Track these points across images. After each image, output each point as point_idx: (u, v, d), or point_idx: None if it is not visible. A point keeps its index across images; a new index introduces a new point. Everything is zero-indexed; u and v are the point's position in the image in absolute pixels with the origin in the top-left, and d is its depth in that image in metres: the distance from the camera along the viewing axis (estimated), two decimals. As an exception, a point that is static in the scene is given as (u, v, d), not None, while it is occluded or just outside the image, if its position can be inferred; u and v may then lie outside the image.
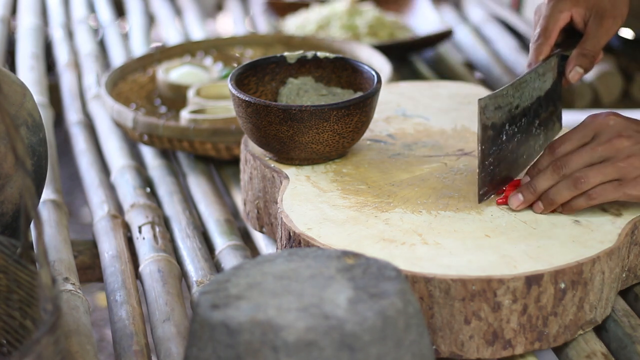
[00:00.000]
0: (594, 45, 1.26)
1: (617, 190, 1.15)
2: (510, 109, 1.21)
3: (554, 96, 1.29)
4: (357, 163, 1.30)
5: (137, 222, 1.43)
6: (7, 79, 1.27)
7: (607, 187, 1.15)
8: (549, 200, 1.17)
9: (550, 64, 1.26)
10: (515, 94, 1.21)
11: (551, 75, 1.27)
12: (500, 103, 1.19)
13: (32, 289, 0.99)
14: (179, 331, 1.17)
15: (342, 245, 1.12)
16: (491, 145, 1.19)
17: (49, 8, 2.37)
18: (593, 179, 1.15)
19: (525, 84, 1.22)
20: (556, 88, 1.29)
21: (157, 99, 1.77)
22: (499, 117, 1.19)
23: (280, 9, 2.26)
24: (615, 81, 2.02)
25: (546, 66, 1.25)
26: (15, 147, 0.89)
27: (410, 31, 2.13)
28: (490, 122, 1.18)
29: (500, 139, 1.20)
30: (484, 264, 1.08)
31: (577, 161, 1.16)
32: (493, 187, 1.21)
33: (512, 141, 1.22)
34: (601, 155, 1.16)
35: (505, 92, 1.20)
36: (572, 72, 1.25)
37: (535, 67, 1.24)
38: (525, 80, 1.22)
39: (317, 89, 1.35)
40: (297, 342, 0.88)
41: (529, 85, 1.23)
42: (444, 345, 1.08)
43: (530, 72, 1.23)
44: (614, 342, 1.14)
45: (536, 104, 1.25)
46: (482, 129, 1.17)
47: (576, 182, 1.15)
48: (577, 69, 1.25)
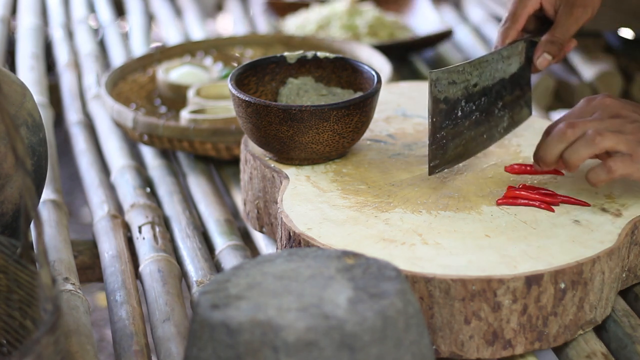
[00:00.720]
0: (562, 33, 1.26)
1: (632, 164, 1.14)
2: (466, 85, 1.22)
3: (521, 81, 1.29)
4: (357, 163, 1.30)
5: (137, 222, 1.43)
6: (7, 79, 1.27)
7: (624, 159, 1.14)
8: (565, 161, 1.16)
9: (517, 48, 1.27)
10: (473, 72, 1.22)
11: (518, 60, 1.27)
12: (454, 78, 1.20)
13: (32, 289, 0.99)
14: (179, 331, 1.17)
15: (342, 245, 1.12)
16: (444, 119, 1.21)
17: (49, 8, 2.37)
18: (611, 138, 1.13)
19: (486, 64, 1.23)
20: (524, 73, 1.29)
21: (157, 99, 1.77)
22: (453, 92, 1.21)
23: (280, 9, 2.26)
24: (615, 81, 2.02)
25: (512, 50, 1.26)
26: (15, 147, 0.89)
27: (410, 31, 2.13)
28: (442, 96, 1.20)
29: (455, 114, 1.21)
30: (484, 264, 1.08)
31: (588, 125, 1.14)
32: (446, 161, 1.22)
33: (469, 118, 1.23)
34: (609, 126, 1.14)
35: (462, 68, 1.21)
36: (540, 58, 1.26)
37: (499, 49, 1.25)
38: (486, 59, 1.23)
39: (317, 89, 1.35)
40: (297, 342, 0.88)
41: (490, 65, 1.24)
42: (444, 345, 1.08)
43: (492, 52, 1.25)
44: (614, 342, 1.14)
45: (499, 85, 1.26)
46: (433, 101, 1.19)
47: (594, 138, 1.13)
48: (545, 56, 1.26)
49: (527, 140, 1.34)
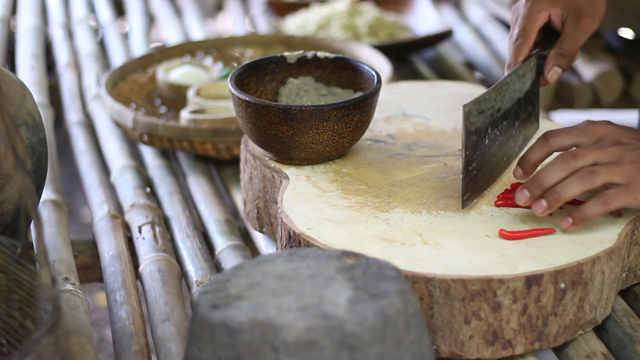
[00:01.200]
0: (571, 45, 1.25)
1: (628, 194, 1.13)
2: (492, 112, 1.20)
3: (532, 96, 1.28)
4: (357, 163, 1.30)
5: (137, 222, 1.43)
6: (7, 79, 1.27)
7: (620, 192, 1.13)
8: (556, 196, 1.13)
9: (530, 64, 1.25)
10: (497, 97, 1.20)
11: (530, 76, 1.26)
12: (483, 107, 1.18)
13: (32, 289, 0.99)
14: (179, 331, 1.17)
15: (342, 245, 1.12)
16: (474, 150, 1.18)
17: (49, 8, 2.37)
18: (605, 175, 1.12)
19: (506, 87, 1.22)
20: (534, 88, 1.28)
21: (157, 99, 1.77)
22: (482, 122, 1.18)
23: (280, 9, 2.26)
24: (615, 81, 2.02)
25: (525, 67, 1.25)
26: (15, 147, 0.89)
27: (410, 31, 2.13)
28: (474, 128, 1.17)
29: (483, 143, 1.19)
30: (484, 264, 1.08)
31: (589, 156, 1.13)
32: (475, 191, 1.20)
33: (494, 144, 1.21)
34: (608, 157, 1.13)
35: (488, 96, 1.19)
36: (551, 72, 1.25)
37: (516, 69, 1.23)
38: (506, 82, 1.22)
39: (317, 89, 1.35)
40: (297, 342, 0.88)
41: (509, 87, 1.22)
42: (444, 345, 1.08)
43: (510, 74, 1.22)
44: (614, 342, 1.14)
45: (516, 106, 1.24)
46: (467, 134, 1.16)
47: (588, 176, 1.12)
48: (555, 69, 1.25)
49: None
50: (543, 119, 1.43)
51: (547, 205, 1.13)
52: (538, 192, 1.14)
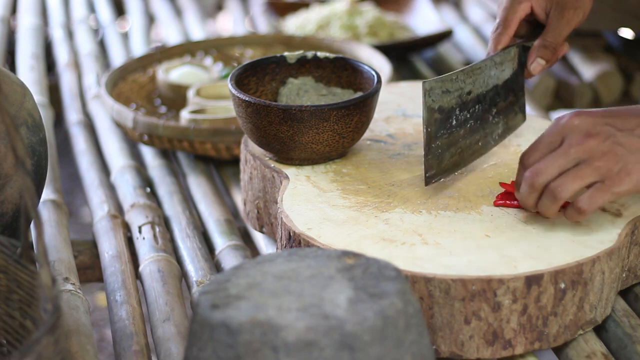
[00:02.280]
0: (555, 37, 1.25)
1: (604, 192, 1.09)
2: (460, 94, 1.21)
3: (515, 87, 1.29)
4: (357, 163, 1.30)
5: (137, 222, 1.43)
6: (7, 79, 1.27)
7: (594, 194, 1.09)
8: (543, 214, 1.14)
9: (510, 53, 1.26)
10: (466, 80, 1.22)
11: (511, 65, 1.27)
12: (448, 87, 1.20)
13: (32, 289, 0.99)
14: (179, 331, 1.17)
15: (342, 245, 1.12)
16: (439, 128, 1.20)
17: (49, 8, 2.37)
18: (570, 185, 1.08)
19: (479, 71, 1.23)
20: (517, 79, 1.29)
21: (157, 99, 1.77)
22: (448, 101, 1.20)
23: (280, 9, 2.26)
24: (615, 81, 2.02)
25: (504, 55, 1.25)
26: (15, 147, 0.90)
27: (410, 31, 2.13)
28: (437, 105, 1.19)
29: (450, 123, 1.21)
30: (484, 264, 1.08)
31: (552, 167, 1.09)
32: (442, 170, 1.21)
33: (464, 126, 1.23)
34: (575, 158, 1.09)
35: (455, 76, 1.20)
36: (534, 63, 1.25)
37: (492, 55, 1.24)
38: (479, 67, 1.23)
39: (317, 89, 1.35)
40: (297, 342, 0.88)
41: (483, 72, 1.23)
42: (444, 345, 1.08)
43: (485, 59, 1.24)
44: (614, 342, 1.14)
45: (492, 92, 1.25)
46: (428, 111, 1.18)
47: (554, 193, 1.09)
48: (538, 61, 1.25)
49: (527, 141, 1.33)
50: (542, 119, 1.43)
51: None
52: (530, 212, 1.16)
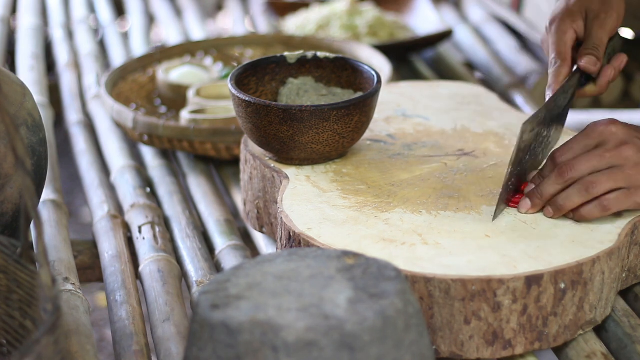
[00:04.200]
0: (593, 39, 1.27)
1: (628, 199, 1.15)
2: (538, 129, 1.20)
3: (566, 109, 1.29)
4: (357, 163, 1.30)
5: (137, 222, 1.43)
6: (7, 79, 1.27)
7: (619, 196, 1.14)
8: (558, 206, 1.16)
9: (573, 80, 1.26)
10: (546, 115, 1.21)
11: (572, 92, 1.27)
12: (534, 125, 1.18)
13: (32, 289, 0.99)
14: (179, 331, 1.17)
15: (342, 245, 1.12)
16: (517, 166, 1.18)
17: (49, 8, 2.37)
18: (604, 184, 1.14)
19: (555, 104, 1.23)
20: (569, 103, 1.29)
21: (157, 99, 1.77)
22: (530, 139, 1.18)
23: (280, 9, 2.26)
24: (615, 81, 2.02)
25: (570, 83, 1.26)
26: (15, 147, 0.90)
27: (410, 31, 2.13)
28: (524, 145, 1.17)
29: (525, 159, 1.19)
30: (484, 264, 1.08)
31: (585, 165, 1.15)
32: (507, 201, 1.20)
33: (532, 157, 1.22)
34: (609, 162, 1.15)
35: (541, 113, 1.19)
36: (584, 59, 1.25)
37: (563, 85, 1.24)
38: (555, 99, 1.23)
39: (317, 89, 1.35)
40: (297, 342, 0.88)
41: (556, 103, 1.23)
42: (444, 345, 1.08)
43: (559, 90, 1.23)
44: (614, 342, 1.14)
45: (556, 119, 1.25)
46: (517, 151, 1.16)
47: (588, 186, 1.14)
48: (587, 57, 1.25)
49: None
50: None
51: (552, 212, 1.16)
52: (539, 202, 1.17)
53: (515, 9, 2.23)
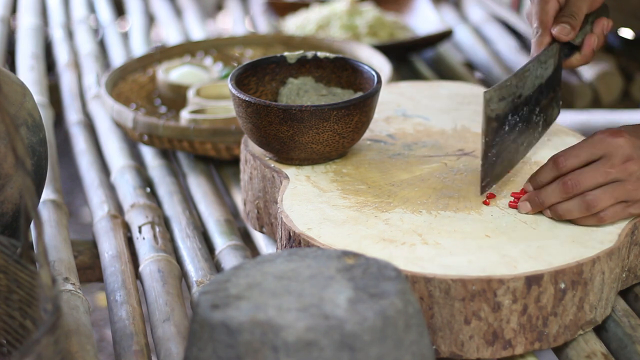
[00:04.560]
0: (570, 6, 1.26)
1: (624, 211, 1.16)
2: (513, 99, 1.20)
3: (554, 82, 1.28)
4: (357, 163, 1.30)
5: (137, 222, 1.43)
6: (7, 79, 1.27)
7: (617, 209, 1.16)
8: (557, 215, 1.16)
9: (552, 50, 1.26)
10: (518, 84, 1.20)
11: (553, 62, 1.26)
12: (504, 94, 1.18)
13: (32, 289, 0.99)
14: (179, 331, 1.17)
15: (342, 245, 1.12)
16: (494, 137, 1.18)
17: (49, 8, 2.37)
18: (605, 202, 1.15)
19: (528, 73, 1.22)
20: (556, 74, 1.28)
21: (157, 99, 1.77)
22: (503, 108, 1.18)
23: (280, 9, 2.26)
24: (615, 81, 2.02)
25: (547, 53, 1.25)
26: (15, 147, 0.89)
27: (410, 31, 2.13)
28: (494, 114, 1.17)
29: (503, 130, 1.19)
30: (484, 264, 1.08)
31: (590, 182, 1.15)
32: (494, 177, 1.20)
33: (514, 131, 1.21)
34: (614, 177, 1.15)
35: (509, 82, 1.19)
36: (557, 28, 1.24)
37: (537, 55, 1.23)
38: (528, 69, 1.22)
39: (317, 89, 1.35)
40: (297, 342, 0.88)
41: (531, 73, 1.23)
42: (444, 345, 1.08)
43: (532, 60, 1.23)
44: (614, 342, 1.14)
45: (537, 92, 1.24)
46: (487, 121, 1.16)
47: (589, 205, 1.15)
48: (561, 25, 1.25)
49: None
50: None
51: (550, 214, 1.17)
52: (539, 208, 1.18)
53: (515, 9, 2.23)
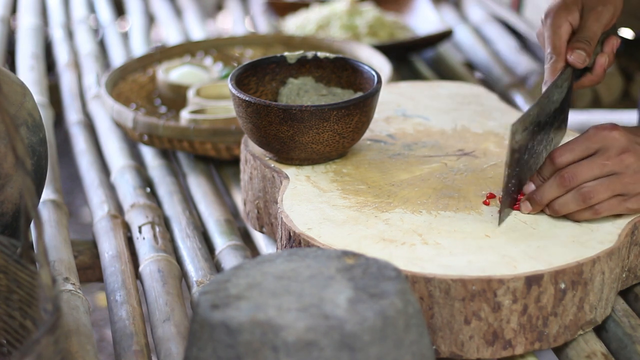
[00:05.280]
0: (586, 31, 1.26)
1: (620, 205, 1.16)
2: (533, 127, 1.19)
3: (565, 104, 1.28)
4: (357, 163, 1.30)
5: (137, 222, 1.43)
6: (7, 79, 1.27)
7: (613, 202, 1.16)
8: (554, 210, 1.17)
9: (567, 74, 1.25)
10: (539, 113, 1.20)
11: (566, 85, 1.26)
12: (527, 124, 1.17)
13: (32, 289, 0.99)
14: (179, 331, 1.17)
15: (342, 245, 1.12)
16: (515, 167, 1.17)
17: (49, 8, 2.37)
18: (602, 194, 1.15)
19: (547, 100, 1.21)
20: (568, 96, 1.28)
21: (157, 99, 1.77)
22: (525, 138, 1.17)
23: (280, 9, 2.26)
24: (615, 81, 2.02)
25: (563, 77, 1.25)
26: (15, 147, 0.90)
27: (410, 31, 2.13)
28: (518, 146, 1.16)
29: (523, 159, 1.19)
30: (484, 264, 1.08)
31: (586, 174, 1.15)
32: (510, 204, 1.19)
33: (532, 157, 1.21)
34: (610, 170, 1.15)
35: (532, 112, 1.18)
36: (573, 55, 1.24)
37: (555, 80, 1.23)
38: (547, 96, 1.21)
39: (317, 89, 1.35)
40: (297, 342, 0.88)
41: (549, 100, 1.22)
42: (444, 345, 1.08)
43: (551, 86, 1.22)
44: (614, 342, 1.14)
45: (552, 117, 1.24)
46: (511, 153, 1.15)
47: (585, 196, 1.15)
48: (577, 52, 1.24)
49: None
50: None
51: (549, 212, 1.18)
52: (538, 207, 1.18)
53: (515, 9, 2.23)
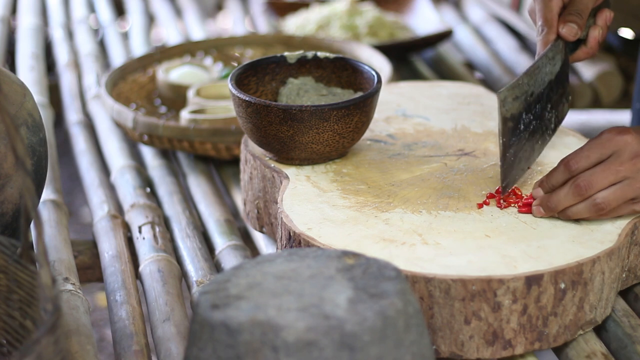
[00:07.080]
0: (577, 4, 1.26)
1: (628, 207, 1.17)
2: (526, 97, 1.20)
3: (563, 78, 1.28)
4: (357, 163, 1.30)
5: (137, 222, 1.43)
6: (7, 79, 1.27)
7: (622, 206, 1.16)
8: (567, 216, 1.17)
9: (559, 46, 1.26)
10: (530, 82, 1.20)
11: (560, 58, 1.26)
12: (517, 93, 1.18)
13: (32, 289, 0.99)
14: (179, 331, 1.17)
15: (342, 245, 1.12)
16: (511, 137, 1.18)
17: (49, 8, 2.37)
18: (614, 202, 1.15)
19: (538, 70, 1.22)
20: (564, 70, 1.28)
21: (157, 99, 1.77)
22: (517, 108, 1.18)
23: (280, 9, 2.26)
24: (615, 81, 2.02)
25: (555, 49, 1.25)
26: (15, 147, 0.90)
27: (410, 31, 2.13)
28: (509, 114, 1.17)
29: (518, 129, 1.19)
30: (484, 264, 1.08)
31: (602, 182, 1.15)
32: (513, 177, 1.20)
33: (528, 129, 1.21)
34: (624, 175, 1.16)
35: (521, 81, 1.19)
36: (565, 27, 1.24)
37: (545, 52, 1.23)
38: (537, 66, 1.22)
39: (317, 89, 1.35)
40: (297, 342, 0.88)
41: (541, 71, 1.22)
42: (444, 345, 1.08)
43: (541, 57, 1.22)
44: (614, 342, 1.14)
45: (548, 88, 1.24)
46: (503, 121, 1.16)
47: (599, 208, 1.15)
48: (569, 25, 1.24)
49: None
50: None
51: (558, 215, 1.18)
52: (551, 213, 1.18)
53: (515, 9, 2.23)
